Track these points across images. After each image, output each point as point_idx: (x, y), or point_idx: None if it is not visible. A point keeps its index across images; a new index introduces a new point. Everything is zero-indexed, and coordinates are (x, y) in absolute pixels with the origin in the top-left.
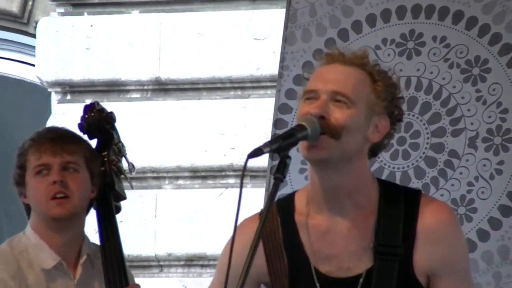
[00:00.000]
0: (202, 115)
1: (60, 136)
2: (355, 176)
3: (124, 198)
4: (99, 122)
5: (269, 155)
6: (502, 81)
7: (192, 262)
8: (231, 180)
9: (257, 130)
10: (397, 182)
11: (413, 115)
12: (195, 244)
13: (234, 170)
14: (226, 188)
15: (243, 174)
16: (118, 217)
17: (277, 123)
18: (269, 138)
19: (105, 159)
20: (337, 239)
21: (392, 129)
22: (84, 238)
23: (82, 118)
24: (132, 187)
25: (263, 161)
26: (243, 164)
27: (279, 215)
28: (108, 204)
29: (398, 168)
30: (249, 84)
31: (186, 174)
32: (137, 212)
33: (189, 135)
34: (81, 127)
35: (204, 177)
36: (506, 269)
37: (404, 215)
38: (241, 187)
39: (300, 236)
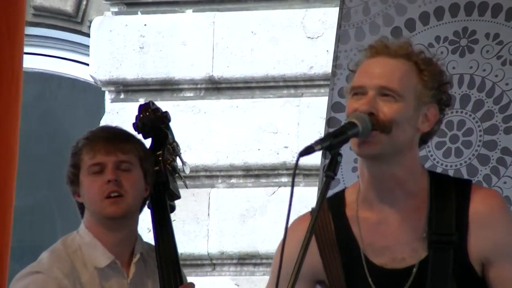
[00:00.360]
0: (255, 114)
1: (114, 135)
2: (406, 166)
3: (178, 197)
4: (154, 122)
5: (322, 153)
6: None
7: (244, 260)
8: (284, 179)
9: (310, 128)
10: None
11: (466, 113)
12: (248, 242)
13: (287, 169)
14: (279, 186)
15: (294, 172)
16: (172, 216)
17: (330, 122)
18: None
19: (160, 158)
20: (389, 231)
21: (441, 115)
22: (137, 237)
23: (137, 117)
24: (186, 186)
25: (316, 159)
26: (295, 162)
27: (330, 211)
28: (162, 203)
29: (451, 166)
30: (302, 83)
31: (239, 172)
32: (190, 210)
33: (242, 133)
34: (136, 126)
35: (257, 176)
36: None
37: (455, 204)
38: (292, 186)
39: (352, 230)
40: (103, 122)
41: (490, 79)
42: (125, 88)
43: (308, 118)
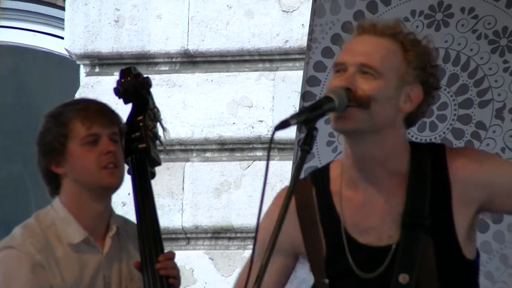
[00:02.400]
0: (230, 88)
1: (105, 107)
2: (387, 146)
3: (159, 163)
4: (135, 87)
5: (297, 127)
6: None
7: (219, 234)
8: (259, 153)
9: (285, 102)
10: None
11: (441, 87)
12: (222, 216)
13: (262, 143)
14: (254, 160)
15: (270, 146)
16: None
17: (305, 96)
18: (297, 111)
19: (141, 124)
20: (373, 211)
21: (429, 98)
22: (112, 210)
23: (118, 82)
24: (166, 153)
25: (290, 133)
26: (270, 136)
27: (314, 186)
28: (144, 170)
29: (425, 140)
30: (277, 57)
31: (214, 146)
32: (164, 184)
33: (217, 107)
34: (117, 91)
35: (232, 150)
36: None
37: (432, 176)
38: (268, 160)
39: (336, 207)
40: (78, 96)
41: (465, 53)
42: (100, 62)
43: (283, 92)
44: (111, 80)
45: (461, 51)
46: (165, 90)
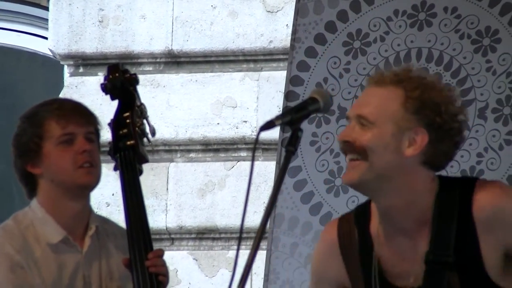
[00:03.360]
0: (214, 88)
1: (80, 106)
2: (405, 193)
3: (147, 160)
4: (123, 83)
5: (281, 127)
6: None
7: (203, 235)
8: (243, 153)
9: (269, 103)
10: None
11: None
12: (206, 217)
13: (246, 143)
14: (238, 161)
15: (255, 147)
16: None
17: (288, 95)
18: (281, 111)
19: (128, 121)
20: (405, 255)
21: (439, 142)
22: (91, 210)
23: (106, 78)
24: (153, 150)
25: (274, 134)
26: (255, 137)
27: (356, 226)
28: (132, 167)
29: None
30: (261, 57)
31: (198, 147)
32: (148, 185)
33: (201, 108)
34: (104, 87)
35: (216, 150)
36: None
37: (458, 213)
38: (252, 160)
39: (375, 251)
40: (62, 96)
41: (448, 52)
42: (84, 62)
43: (267, 92)
44: (95, 80)
45: (444, 51)
46: (149, 90)
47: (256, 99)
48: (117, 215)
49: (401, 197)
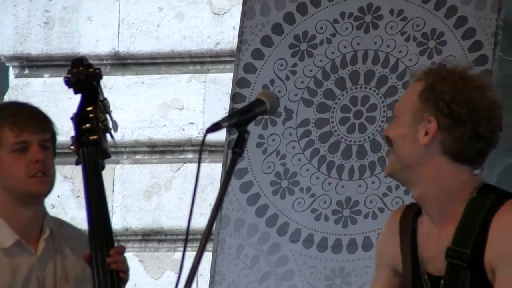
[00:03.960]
0: (161, 90)
1: (35, 112)
2: (430, 184)
3: (109, 156)
4: (87, 77)
5: (227, 130)
6: (457, 53)
7: (149, 237)
8: (190, 155)
9: (216, 105)
10: (354, 155)
11: (370, 89)
12: (152, 218)
13: (193, 145)
14: (184, 163)
15: (201, 149)
16: (76, 192)
17: (235, 97)
18: (227, 113)
19: (91, 115)
20: (432, 243)
21: (451, 129)
22: (45, 213)
23: (69, 72)
24: (115, 145)
25: (221, 136)
26: (201, 139)
27: (414, 215)
28: (95, 163)
29: (355, 142)
30: (208, 59)
31: (144, 148)
32: None
33: (148, 109)
34: (67, 80)
35: (162, 152)
36: None
37: (482, 218)
38: (199, 162)
39: (417, 237)
40: (7, 98)
41: (394, 55)
42: (30, 64)
43: (214, 94)
44: (41, 82)
45: (390, 53)
46: None
47: (203, 101)
48: (63, 217)
49: (428, 187)
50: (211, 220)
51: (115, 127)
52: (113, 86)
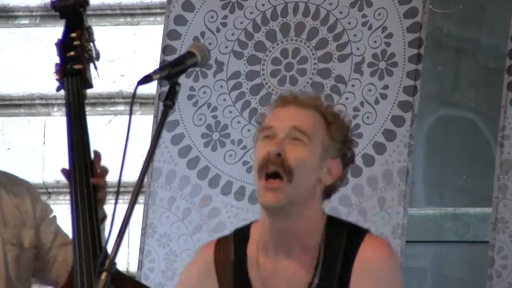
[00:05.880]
0: None
1: None
2: (306, 220)
3: (91, 86)
4: (74, 3)
5: (158, 82)
6: (387, 5)
7: None
8: (121, 107)
9: (146, 57)
10: None
11: (301, 41)
12: None
13: (124, 97)
14: (115, 115)
15: (133, 101)
16: (6, 144)
17: (166, 49)
18: (158, 65)
19: (76, 43)
20: (281, 282)
21: (345, 171)
22: None
23: None
24: (98, 76)
25: (152, 88)
26: (132, 91)
27: (234, 245)
28: (78, 91)
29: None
30: (139, 11)
31: None
32: (25, 139)
33: None
34: (53, 4)
35: (93, 104)
36: (389, 193)
37: (343, 256)
38: (130, 114)
39: (249, 274)
40: None
41: (325, 7)
42: None
43: (145, 46)
44: None
45: (320, 5)
46: (25, 43)
47: (134, 53)
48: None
49: (302, 222)
50: (143, 172)
51: (98, 56)
52: (43, 38)
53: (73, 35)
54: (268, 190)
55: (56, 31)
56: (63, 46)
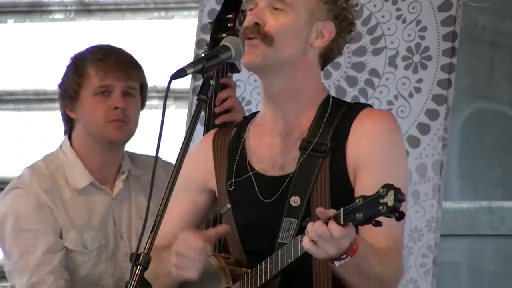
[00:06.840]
0: (126, 36)
1: (125, 59)
2: (298, 79)
3: (238, 71)
4: None
5: (192, 76)
6: None
7: None
8: (155, 102)
9: (180, 51)
10: None
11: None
12: None
13: (158, 91)
14: (150, 109)
15: (166, 95)
16: (41, 139)
17: (199, 43)
18: (192, 59)
19: (229, 24)
20: (275, 140)
21: (344, 33)
22: (124, 155)
23: None
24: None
25: (185, 82)
26: (166, 85)
27: (237, 126)
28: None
29: None
30: (173, 5)
31: None
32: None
33: None
34: None
35: None
36: (423, 186)
37: (340, 118)
38: (164, 109)
39: (245, 140)
40: None
41: (359, 0)
42: None
43: (179, 40)
44: (4, 28)
45: None
46: (59, 39)
47: (167, 48)
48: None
49: (294, 83)
50: (176, 167)
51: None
52: (77, 33)
53: (229, 16)
54: (247, 53)
55: (91, 25)
56: (217, 23)
